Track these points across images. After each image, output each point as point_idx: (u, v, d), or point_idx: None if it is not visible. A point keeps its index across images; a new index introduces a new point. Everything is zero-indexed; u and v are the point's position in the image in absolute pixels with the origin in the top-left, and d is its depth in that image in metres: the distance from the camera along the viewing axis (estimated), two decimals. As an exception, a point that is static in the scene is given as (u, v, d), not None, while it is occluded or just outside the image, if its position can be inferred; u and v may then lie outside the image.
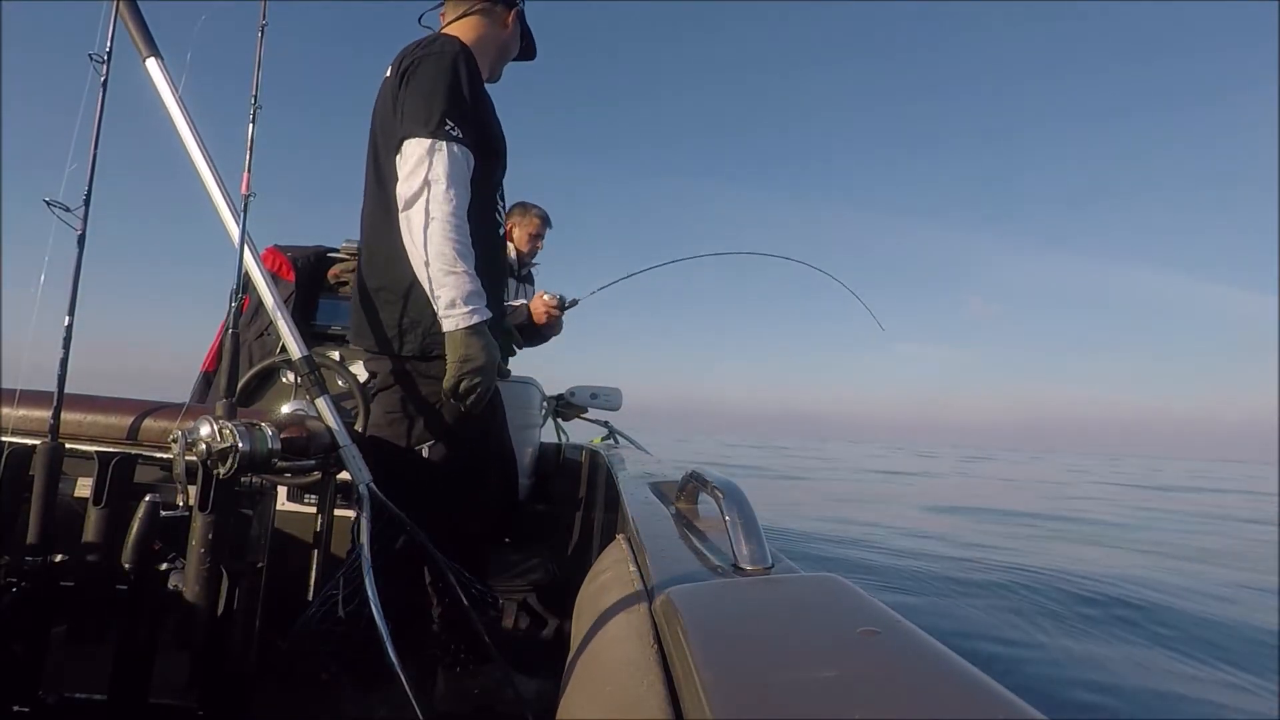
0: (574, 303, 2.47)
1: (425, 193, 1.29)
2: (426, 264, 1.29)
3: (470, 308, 1.31)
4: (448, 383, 1.34)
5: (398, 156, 1.35)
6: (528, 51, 1.71)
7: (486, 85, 1.52)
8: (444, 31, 1.52)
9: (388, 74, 1.45)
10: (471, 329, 1.31)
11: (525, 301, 2.53)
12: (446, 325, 1.31)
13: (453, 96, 1.34)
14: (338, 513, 1.48)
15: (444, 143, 1.31)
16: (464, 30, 1.52)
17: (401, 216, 1.32)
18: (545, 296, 2.45)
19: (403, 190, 1.31)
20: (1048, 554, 5.96)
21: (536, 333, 2.53)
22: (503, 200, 1.60)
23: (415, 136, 1.31)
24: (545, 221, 2.78)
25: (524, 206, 2.77)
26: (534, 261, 2.85)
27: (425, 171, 1.29)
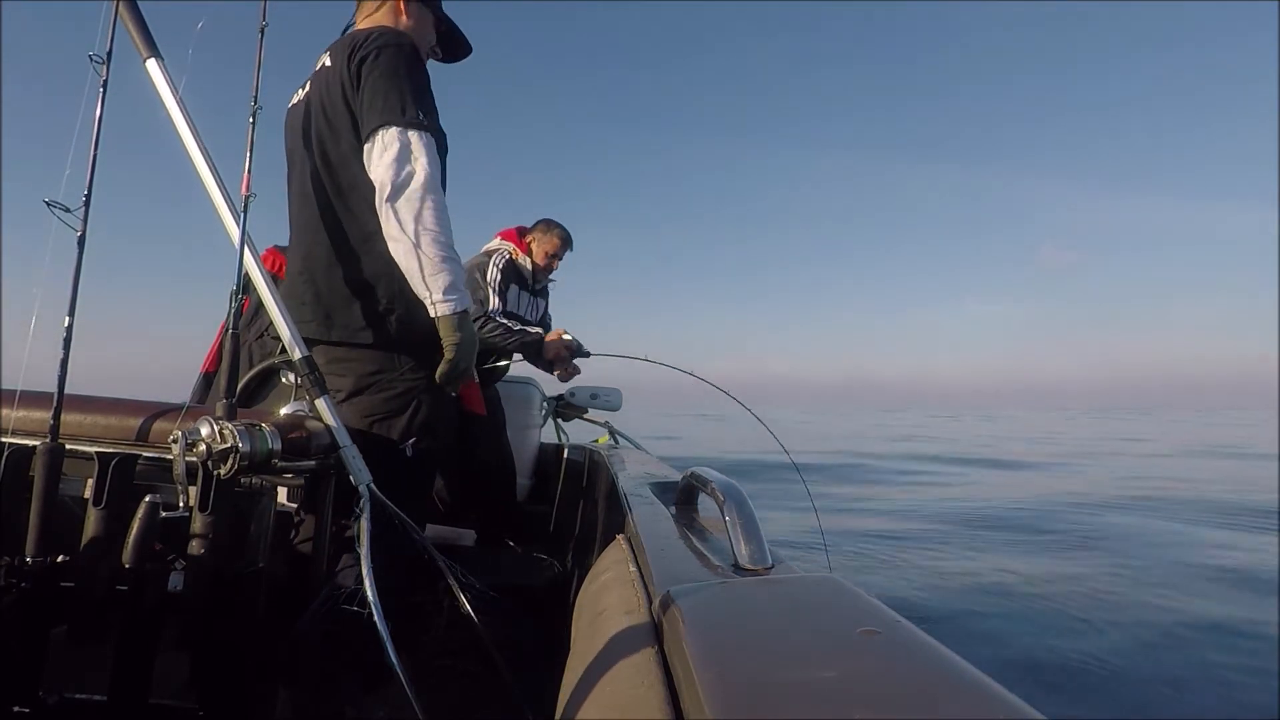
0: (586, 354, 2.56)
1: (413, 181, 1.29)
2: (418, 251, 1.30)
3: (460, 293, 1.35)
4: (445, 366, 1.38)
5: (368, 145, 1.33)
6: (462, 49, 1.69)
7: None
8: (364, 24, 1.52)
9: (325, 63, 1.44)
10: (463, 314, 1.36)
11: (541, 332, 2.55)
12: (443, 310, 1.33)
13: (417, 87, 1.36)
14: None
15: (421, 132, 1.32)
16: (387, 22, 1.51)
17: (386, 206, 1.30)
18: (566, 337, 2.47)
19: (385, 178, 1.30)
20: None
21: (538, 358, 2.57)
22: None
23: (393, 125, 1.31)
24: (566, 243, 2.72)
25: (548, 224, 2.72)
26: (551, 278, 2.81)
27: (409, 160, 1.30)
